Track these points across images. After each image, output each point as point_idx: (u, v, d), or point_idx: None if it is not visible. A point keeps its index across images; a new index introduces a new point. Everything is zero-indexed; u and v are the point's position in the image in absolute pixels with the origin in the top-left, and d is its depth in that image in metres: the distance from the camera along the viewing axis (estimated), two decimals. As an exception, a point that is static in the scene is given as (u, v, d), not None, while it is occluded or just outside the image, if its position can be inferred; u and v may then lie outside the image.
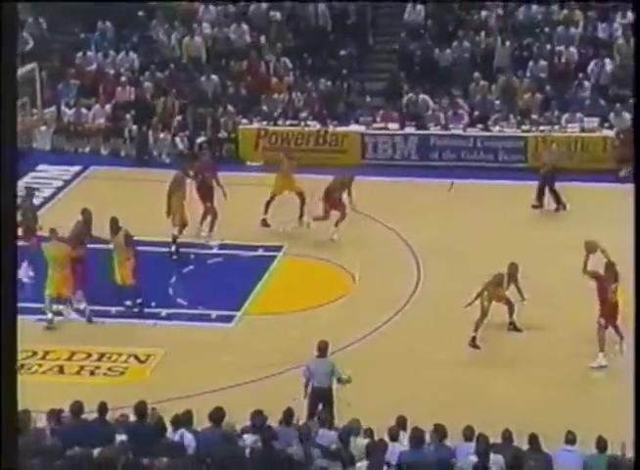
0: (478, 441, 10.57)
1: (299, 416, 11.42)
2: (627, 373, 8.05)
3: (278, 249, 18.29)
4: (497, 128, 22.67)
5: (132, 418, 11.12)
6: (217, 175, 18.35)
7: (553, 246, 17.63)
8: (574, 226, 18.44)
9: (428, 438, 10.66)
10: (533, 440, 10.73)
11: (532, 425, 11.22)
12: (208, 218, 18.23)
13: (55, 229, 16.09)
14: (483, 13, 25.01)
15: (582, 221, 18.61)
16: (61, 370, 14.77)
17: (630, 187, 8.39)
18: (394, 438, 10.79)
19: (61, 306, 15.98)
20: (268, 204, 18.80)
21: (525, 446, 10.75)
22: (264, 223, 18.81)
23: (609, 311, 14.56)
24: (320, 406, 12.48)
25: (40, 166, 22.34)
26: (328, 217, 18.26)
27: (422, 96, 23.36)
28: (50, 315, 15.73)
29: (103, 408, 11.27)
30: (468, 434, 10.74)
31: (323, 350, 12.89)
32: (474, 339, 15.15)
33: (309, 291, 16.95)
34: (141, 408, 11.07)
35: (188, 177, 18.23)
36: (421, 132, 22.76)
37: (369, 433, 11.01)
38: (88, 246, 16.35)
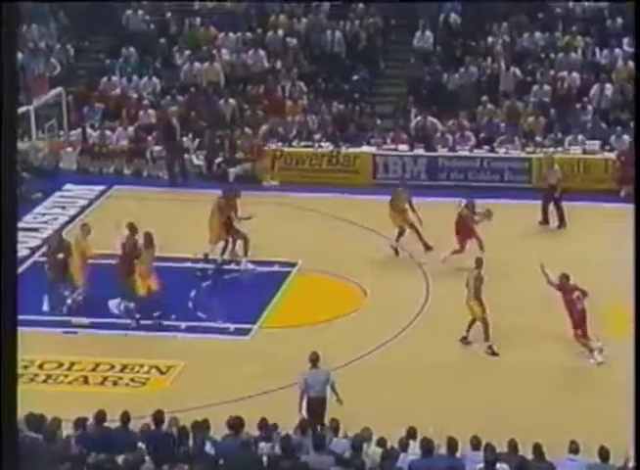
0: (485, 450, 10.56)
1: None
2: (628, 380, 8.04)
3: (293, 265, 18.33)
4: (503, 150, 22.71)
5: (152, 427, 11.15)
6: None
7: (555, 262, 17.62)
8: (577, 244, 18.44)
9: (437, 447, 10.66)
10: (537, 449, 10.72)
11: (538, 433, 11.20)
12: (240, 242, 18.21)
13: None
14: (489, 39, 25.11)
15: (584, 239, 18.60)
16: (85, 381, 14.83)
17: (630, 207, 8.42)
18: (404, 448, 10.80)
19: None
20: (400, 235, 18.40)
21: (529, 456, 10.73)
22: (396, 252, 18.44)
23: (579, 320, 14.73)
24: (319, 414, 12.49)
25: (66, 186, 22.47)
26: (463, 250, 17.93)
27: (430, 119, 23.43)
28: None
29: (125, 417, 11.33)
30: (475, 443, 10.74)
31: (315, 361, 13.03)
32: (489, 347, 15.16)
33: (323, 305, 16.97)
34: (159, 417, 11.12)
35: (230, 201, 18.19)
36: (429, 154, 22.81)
37: (381, 441, 11.02)
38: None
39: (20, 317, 16.07)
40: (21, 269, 18.36)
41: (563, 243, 19.15)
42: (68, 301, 16.48)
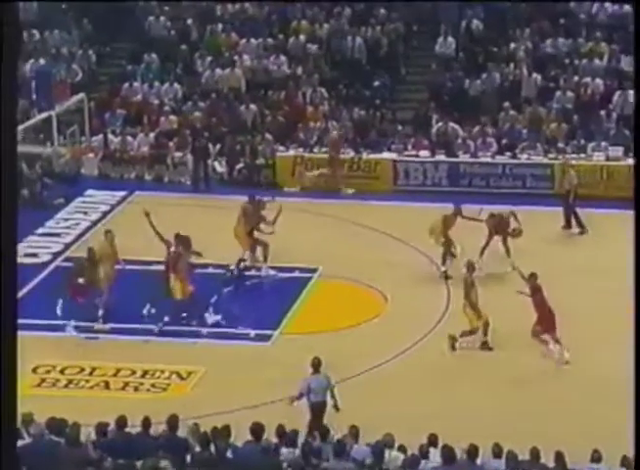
0: (507, 458, 10.55)
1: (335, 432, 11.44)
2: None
3: (313, 271, 18.37)
4: (525, 156, 22.67)
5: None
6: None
7: (577, 269, 17.61)
8: (600, 251, 18.39)
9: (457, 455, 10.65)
10: (560, 457, 10.69)
11: (560, 441, 11.18)
12: (260, 249, 18.28)
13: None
14: (512, 45, 25.10)
15: (607, 246, 18.55)
16: (107, 386, 14.93)
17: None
18: (425, 455, 10.80)
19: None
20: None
21: (551, 464, 10.72)
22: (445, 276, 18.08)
23: (546, 319, 14.96)
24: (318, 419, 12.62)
25: (88, 192, 22.62)
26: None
27: (452, 125, 23.44)
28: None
29: (146, 423, 11.39)
30: (497, 451, 10.73)
31: (317, 366, 13.13)
32: (484, 343, 15.28)
33: (344, 311, 17.00)
34: (173, 422, 11.18)
35: (256, 209, 18.29)
36: (451, 160, 22.82)
37: (402, 448, 11.03)
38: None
39: (41, 322, 16.27)
40: (43, 275, 18.53)
41: (585, 250, 19.10)
42: (98, 307, 16.49)
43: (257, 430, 10.80)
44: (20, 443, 10.63)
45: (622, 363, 14.53)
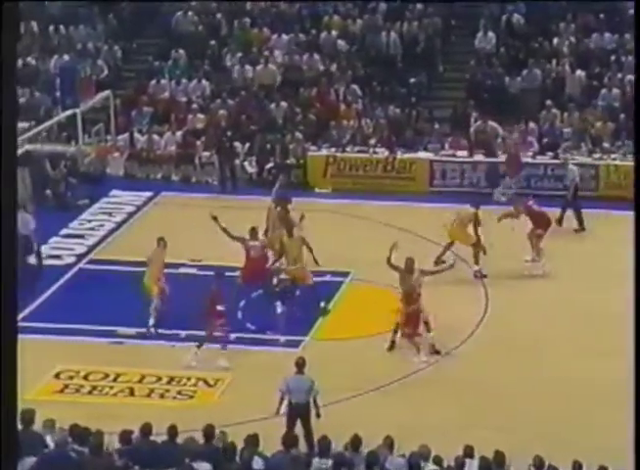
0: (547, 470, 10.50)
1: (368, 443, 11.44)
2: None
3: (345, 275, 18.38)
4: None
5: (201, 441, 11.25)
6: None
7: (618, 275, 17.51)
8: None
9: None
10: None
11: (604, 454, 11.10)
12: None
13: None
14: (555, 41, 25.00)
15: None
16: (131, 393, 15.01)
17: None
18: (461, 467, 10.77)
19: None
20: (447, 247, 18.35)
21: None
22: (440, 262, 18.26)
23: (411, 317, 15.36)
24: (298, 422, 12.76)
25: (113, 192, 22.77)
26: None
27: (491, 123, 23.38)
28: None
29: (173, 431, 11.45)
30: (538, 464, 10.67)
31: (301, 365, 13.21)
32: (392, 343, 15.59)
33: (376, 316, 16.98)
34: (209, 431, 11.22)
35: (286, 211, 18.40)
36: (490, 160, 22.75)
37: (437, 459, 11.01)
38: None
39: (64, 326, 16.38)
40: (66, 277, 18.68)
41: (628, 255, 18.94)
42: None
43: (288, 439, 10.82)
44: (42, 451, 10.74)
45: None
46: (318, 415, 13.06)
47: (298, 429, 12.74)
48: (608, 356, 15.20)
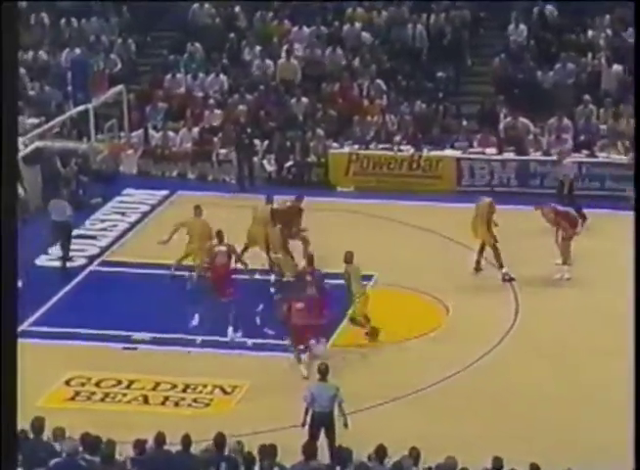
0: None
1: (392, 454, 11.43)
2: None
3: (368, 278, 18.34)
4: (604, 154, 22.44)
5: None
6: None
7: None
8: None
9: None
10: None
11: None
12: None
13: None
14: (590, 33, 24.89)
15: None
16: (145, 400, 15.05)
17: None
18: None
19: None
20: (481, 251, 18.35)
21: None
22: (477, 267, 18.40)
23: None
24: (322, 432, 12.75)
25: (126, 191, 22.83)
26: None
27: (522, 120, 23.30)
28: None
29: (187, 441, 11.47)
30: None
31: (324, 372, 13.24)
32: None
33: (400, 322, 16.97)
34: (220, 440, 11.24)
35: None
36: (520, 158, 22.68)
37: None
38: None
39: (74, 331, 16.45)
40: (77, 279, 18.75)
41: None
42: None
43: (308, 449, 10.82)
44: (53, 460, 10.79)
45: None
46: (346, 424, 13.06)
47: (321, 438, 12.72)
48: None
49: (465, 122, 23.82)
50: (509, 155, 22.71)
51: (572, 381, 15.19)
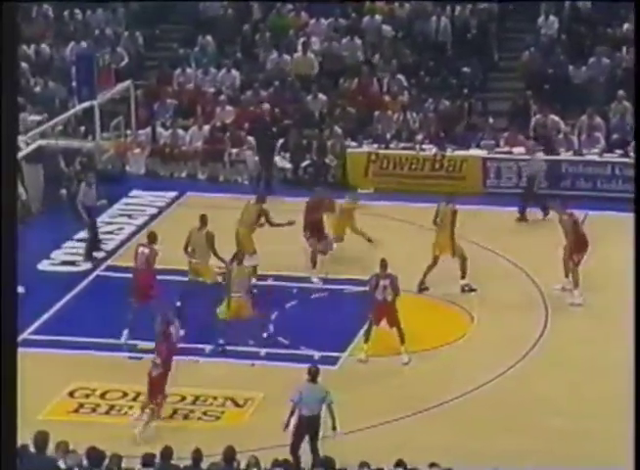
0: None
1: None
2: None
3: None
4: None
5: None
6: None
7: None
8: None
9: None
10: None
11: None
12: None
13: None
14: (625, 26, 24.88)
15: None
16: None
17: None
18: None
19: None
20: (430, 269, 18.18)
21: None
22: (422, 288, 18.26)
23: None
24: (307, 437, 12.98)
25: (133, 192, 22.96)
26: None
27: (552, 117, 23.33)
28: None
29: (197, 455, 11.56)
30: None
31: (314, 374, 13.49)
32: None
33: (423, 331, 17.02)
34: (229, 455, 11.32)
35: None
36: (551, 158, 22.69)
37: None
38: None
39: (78, 339, 16.56)
40: (81, 286, 18.88)
41: None
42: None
43: (326, 464, 10.89)
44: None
45: None
46: (334, 427, 13.20)
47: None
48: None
49: (491, 120, 23.86)
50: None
51: (604, 394, 15.19)
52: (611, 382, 15.40)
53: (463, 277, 18.13)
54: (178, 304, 16.92)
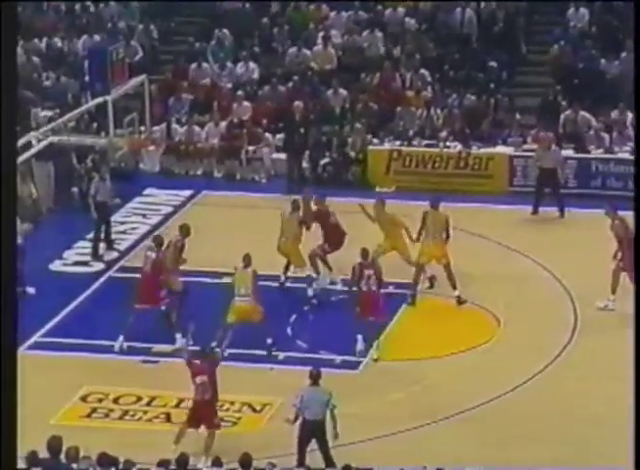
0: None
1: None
2: None
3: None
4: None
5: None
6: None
7: None
8: None
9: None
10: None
11: None
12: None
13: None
14: (658, 18, 24.83)
15: None
16: (168, 418, 15.17)
17: None
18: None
19: None
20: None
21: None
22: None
23: None
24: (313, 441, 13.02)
25: (147, 190, 23.04)
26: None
27: (582, 113, 23.29)
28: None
29: (216, 462, 11.61)
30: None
31: (316, 377, 13.52)
32: None
33: (447, 335, 17.04)
34: (246, 461, 11.36)
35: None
36: (581, 155, 22.66)
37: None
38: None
39: (91, 342, 16.64)
40: (94, 287, 18.96)
41: None
42: None
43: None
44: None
45: None
46: (336, 435, 13.22)
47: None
48: None
49: (518, 116, 23.83)
50: (568, 152, 22.69)
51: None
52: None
53: (455, 287, 17.92)
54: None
